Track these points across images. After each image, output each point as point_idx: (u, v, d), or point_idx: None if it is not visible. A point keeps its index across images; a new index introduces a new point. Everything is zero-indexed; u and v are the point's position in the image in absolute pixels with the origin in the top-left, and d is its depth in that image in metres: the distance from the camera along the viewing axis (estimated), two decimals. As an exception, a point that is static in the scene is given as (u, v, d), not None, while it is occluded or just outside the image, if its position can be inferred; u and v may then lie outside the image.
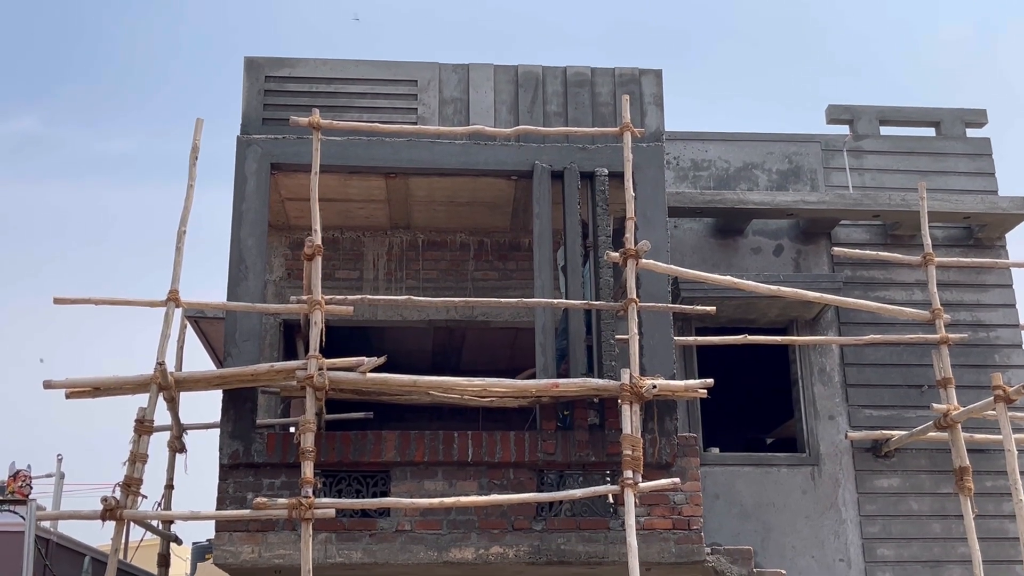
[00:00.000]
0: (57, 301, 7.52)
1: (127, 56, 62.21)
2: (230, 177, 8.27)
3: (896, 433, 9.52)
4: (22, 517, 7.73)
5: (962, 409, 8.27)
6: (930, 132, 11.09)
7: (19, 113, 64.12)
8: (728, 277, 8.44)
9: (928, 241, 8.93)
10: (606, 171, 8.45)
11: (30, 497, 9.35)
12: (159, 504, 8.86)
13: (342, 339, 9.02)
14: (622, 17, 63.21)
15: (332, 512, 7.00)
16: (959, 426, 8.28)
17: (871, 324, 9.78)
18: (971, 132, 11.04)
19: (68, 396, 7.40)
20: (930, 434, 8.86)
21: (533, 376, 8.02)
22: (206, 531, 18.55)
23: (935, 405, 8.47)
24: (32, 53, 64.95)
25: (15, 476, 10.33)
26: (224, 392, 7.84)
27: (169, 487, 8.90)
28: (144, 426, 7.27)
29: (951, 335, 8.63)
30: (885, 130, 10.98)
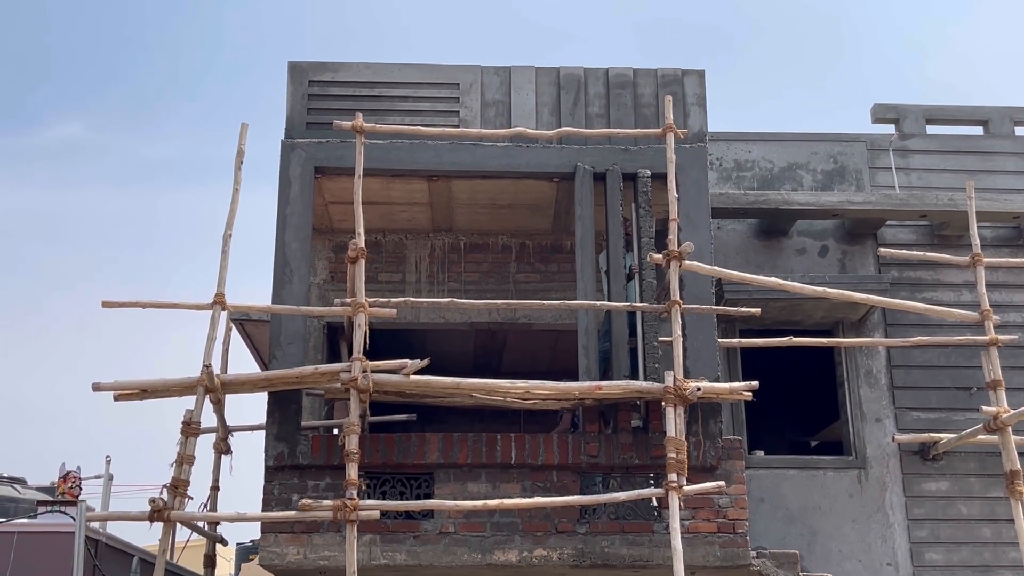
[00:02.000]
0: (106, 304, 7.60)
1: (169, 61, 62.95)
2: (269, 179, 8.37)
3: (944, 436, 9.39)
4: (72, 518, 7.85)
5: (1013, 412, 8.15)
6: (978, 131, 10.94)
7: (66, 119, 65.12)
8: (773, 278, 8.36)
9: (976, 241, 8.80)
10: (649, 172, 8.41)
11: (80, 498, 9.50)
12: (205, 505, 8.94)
13: (385, 341, 9.04)
14: (661, 16, 62.97)
15: (376, 514, 7.03)
16: (1009, 429, 8.17)
17: (918, 325, 9.65)
18: (1020, 131, 10.87)
19: (116, 398, 7.48)
20: (979, 437, 8.73)
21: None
22: (250, 532, 18.70)
23: (984, 408, 8.34)
24: (78, 60, 65.95)
25: (65, 477, 10.51)
26: (269, 394, 7.90)
27: (215, 488, 8.97)
28: (191, 428, 7.34)
29: (1001, 336, 8.50)
30: (932, 129, 10.84)
